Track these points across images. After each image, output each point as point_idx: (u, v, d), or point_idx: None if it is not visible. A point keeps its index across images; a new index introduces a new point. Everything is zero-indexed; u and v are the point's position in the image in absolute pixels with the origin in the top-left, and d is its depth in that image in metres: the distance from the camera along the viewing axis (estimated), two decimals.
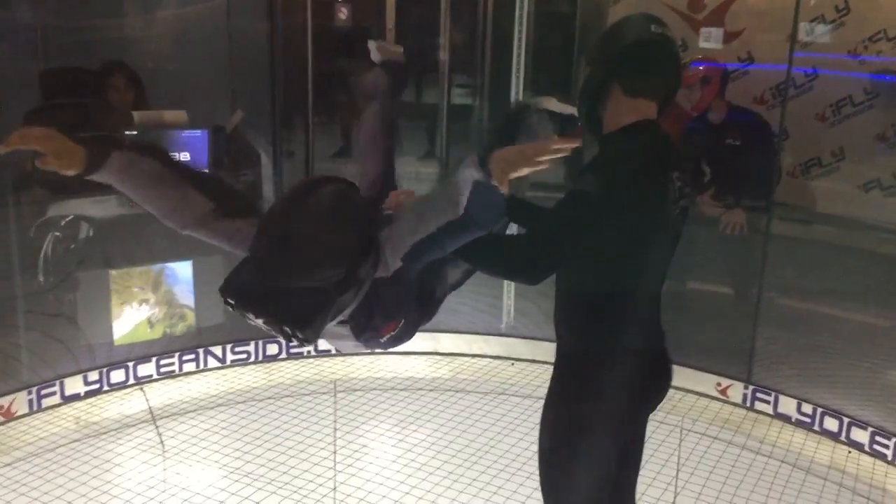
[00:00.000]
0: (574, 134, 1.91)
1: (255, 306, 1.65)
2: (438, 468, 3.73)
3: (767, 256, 4.41)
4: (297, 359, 4.81)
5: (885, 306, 4.29)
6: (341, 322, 1.83)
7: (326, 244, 1.66)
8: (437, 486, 3.57)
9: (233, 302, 1.66)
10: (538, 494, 3.44)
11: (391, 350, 4.83)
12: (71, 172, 1.76)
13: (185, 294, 4.53)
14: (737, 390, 4.41)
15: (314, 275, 1.64)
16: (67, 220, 4.16)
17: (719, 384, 4.45)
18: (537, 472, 3.63)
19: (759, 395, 4.35)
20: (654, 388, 2.29)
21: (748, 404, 4.38)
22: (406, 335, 1.97)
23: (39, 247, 4.13)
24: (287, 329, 1.65)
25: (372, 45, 2.60)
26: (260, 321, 1.68)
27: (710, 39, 4.85)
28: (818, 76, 4.83)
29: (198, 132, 4.31)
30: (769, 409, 4.32)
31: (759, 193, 4.53)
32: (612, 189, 1.97)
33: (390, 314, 1.89)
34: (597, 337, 2.19)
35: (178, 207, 1.85)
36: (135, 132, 4.16)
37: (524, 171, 1.62)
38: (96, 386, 4.24)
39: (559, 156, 1.67)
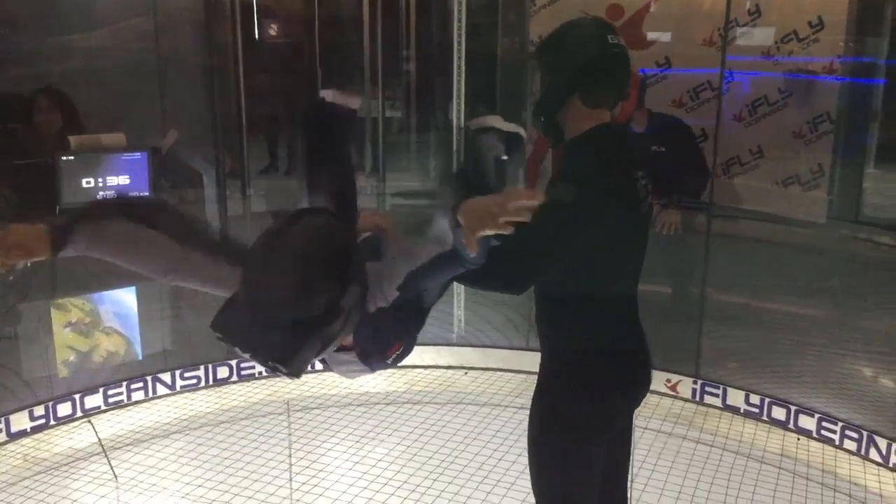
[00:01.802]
0: (528, 176, 1.91)
1: (239, 342, 1.66)
2: (405, 482, 3.72)
3: (708, 254, 4.55)
4: (248, 381, 4.74)
5: (816, 297, 4.48)
6: (344, 349, 1.83)
7: (303, 277, 1.64)
8: (406, 500, 3.56)
9: (221, 336, 1.66)
10: (508, 501, 3.53)
11: None
12: (40, 258, 1.75)
13: (129, 321, 4.41)
14: (686, 385, 4.53)
15: (293, 308, 1.63)
16: None
17: (669, 380, 4.56)
18: (505, 479, 3.70)
19: (707, 388, 4.48)
20: (634, 383, 2.34)
21: (698, 398, 4.50)
22: (408, 350, 1.97)
23: None
24: (271, 364, 1.65)
25: (328, 93, 2.57)
26: (246, 355, 1.67)
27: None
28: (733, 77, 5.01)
29: (137, 154, 4.21)
30: (718, 402, 4.45)
31: (691, 193, 4.66)
32: (585, 194, 2.02)
33: (395, 336, 1.89)
34: (573, 335, 2.24)
35: (157, 262, 1.82)
36: (71, 157, 4.03)
37: (490, 232, 1.60)
38: (42, 421, 4.09)
39: (524, 210, 1.61)
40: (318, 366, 4.84)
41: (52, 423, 4.14)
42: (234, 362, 4.70)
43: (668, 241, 4.72)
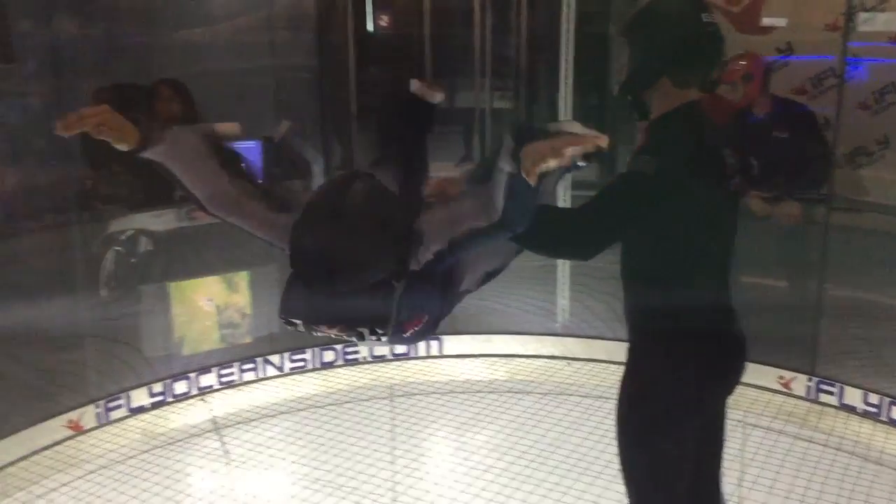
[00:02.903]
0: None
1: (326, 318, 1.66)
2: (505, 470, 3.72)
3: (827, 247, 4.36)
4: (353, 365, 4.84)
5: None
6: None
7: (379, 238, 1.65)
8: (505, 488, 3.56)
9: (298, 321, 1.67)
10: (609, 493, 3.48)
11: (447, 353, 4.88)
12: (123, 147, 1.79)
13: (242, 304, 4.57)
14: (800, 383, 4.35)
15: (375, 270, 1.63)
16: (128, 234, 4.23)
17: (781, 377, 4.40)
18: (607, 472, 3.65)
19: (823, 386, 4.30)
20: (725, 367, 2.27)
21: (812, 396, 4.32)
22: (429, 331, 1.91)
23: (101, 262, 4.20)
24: (364, 330, 1.66)
25: (414, 83, 2.62)
26: (333, 331, 1.68)
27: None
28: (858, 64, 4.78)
29: (251, 143, 4.36)
30: (834, 400, 4.26)
31: (812, 184, 4.48)
32: (666, 166, 2.00)
33: (416, 309, 1.83)
34: (660, 314, 2.19)
35: (216, 190, 1.88)
36: None
37: (552, 164, 1.59)
38: (161, 397, 4.30)
39: (585, 149, 1.63)
40: (422, 352, 4.92)
41: (170, 399, 4.34)
42: (339, 347, 4.81)
43: (785, 233, 4.56)
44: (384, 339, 1.71)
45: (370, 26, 6.53)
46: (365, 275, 1.62)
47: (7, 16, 4.33)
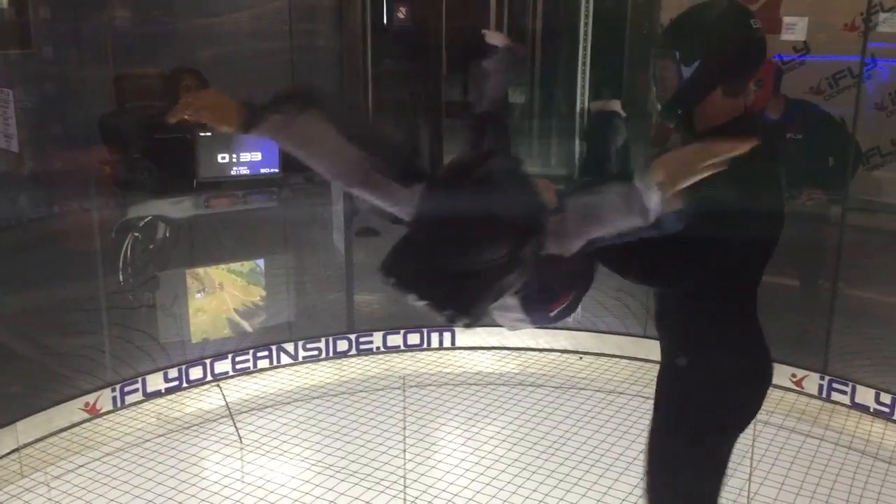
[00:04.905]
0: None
1: (417, 289, 1.62)
2: (515, 461, 3.74)
3: (841, 247, 4.36)
4: (366, 355, 4.87)
5: None
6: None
7: (490, 226, 1.61)
8: (516, 478, 3.59)
9: (394, 281, 1.63)
10: (619, 486, 3.51)
11: (459, 345, 4.91)
12: (226, 130, 1.73)
13: (257, 292, 4.61)
14: (812, 381, 4.36)
15: (477, 258, 1.60)
16: (146, 221, 4.27)
17: (794, 375, 4.40)
18: (617, 465, 3.67)
19: (835, 385, 4.30)
20: (767, 379, 2.23)
21: (824, 395, 4.33)
22: (572, 309, 1.89)
23: (119, 248, 4.24)
24: (448, 313, 1.64)
25: (487, 33, 2.60)
26: (420, 302, 1.64)
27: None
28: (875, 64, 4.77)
29: None
30: (846, 399, 4.27)
31: (828, 184, 4.47)
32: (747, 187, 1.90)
33: (565, 287, 1.81)
34: (717, 328, 2.13)
35: (339, 167, 1.80)
36: (209, 133, 4.24)
37: (690, 181, 1.51)
38: (176, 383, 4.34)
39: (729, 151, 1.53)
40: (434, 343, 4.95)
41: (185, 385, 4.38)
42: (353, 336, 4.84)
43: (799, 232, 4.56)
44: (462, 324, 1.67)
45: (386, 19, 6.53)
46: (469, 260, 1.59)
47: (27, 2, 4.37)
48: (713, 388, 2.12)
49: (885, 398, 4.14)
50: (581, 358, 4.89)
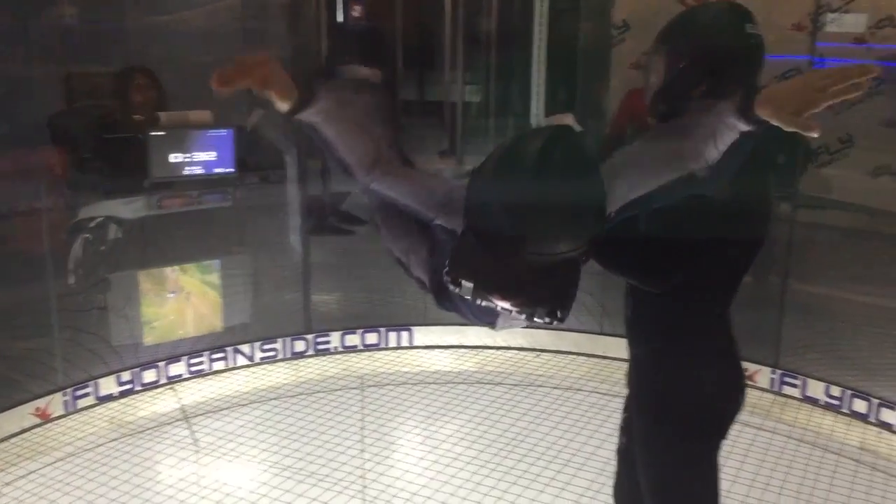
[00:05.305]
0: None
1: (504, 289, 1.40)
2: (473, 458, 3.75)
3: (792, 244, 4.45)
4: (324, 355, 4.84)
5: None
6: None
7: (576, 207, 1.40)
8: (475, 476, 3.60)
9: (471, 284, 1.42)
10: (577, 481, 3.54)
11: (417, 344, 4.91)
12: (285, 106, 1.54)
13: (213, 293, 4.56)
14: (764, 375, 4.44)
15: (569, 244, 1.39)
16: (97, 221, 4.19)
17: (746, 369, 4.45)
18: (574, 460, 3.70)
19: (786, 379, 4.39)
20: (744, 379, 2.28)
21: (776, 389, 4.41)
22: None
23: (69, 249, 4.16)
24: (543, 309, 1.42)
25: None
26: (507, 303, 1.42)
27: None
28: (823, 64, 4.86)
29: (223, 131, 4.34)
30: (797, 392, 4.35)
31: (778, 181, 4.55)
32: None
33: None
34: (699, 331, 2.18)
35: (373, 153, 1.67)
36: (161, 133, 4.19)
37: (824, 106, 1.42)
38: (129, 386, 4.27)
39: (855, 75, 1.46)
40: (392, 342, 4.94)
41: (138, 388, 4.31)
42: (311, 337, 4.82)
43: None
44: (557, 321, 1.45)
45: (340, 17, 6.50)
46: (561, 247, 1.38)
47: None
48: (697, 394, 2.14)
49: (835, 391, 4.23)
50: (538, 355, 4.91)
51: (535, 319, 1.41)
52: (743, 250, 2.13)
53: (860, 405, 4.14)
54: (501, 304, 1.41)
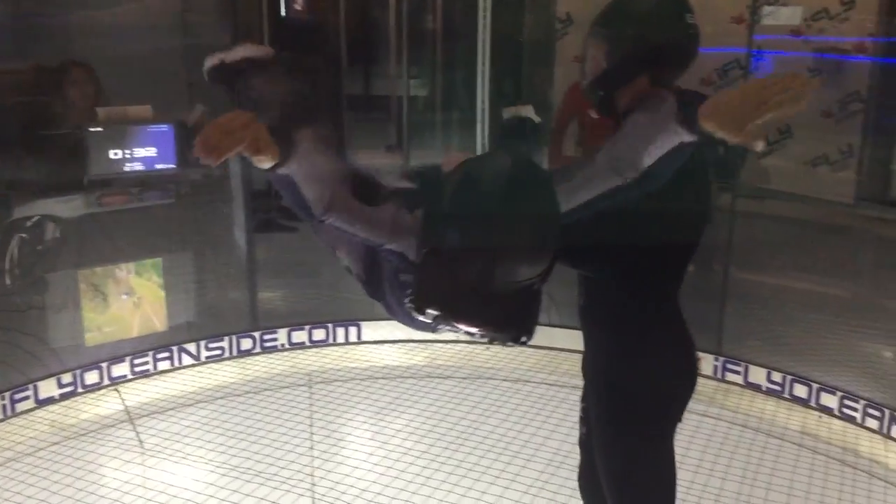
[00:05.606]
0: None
1: (469, 316, 1.44)
2: (424, 452, 3.75)
3: (732, 233, 4.53)
4: (271, 353, 4.79)
5: (841, 277, 4.44)
6: None
7: (535, 232, 1.44)
8: (425, 470, 3.60)
9: (437, 312, 1.45)
10: (526, 472, 3.56)
11: (365, 339, 4.89)
12: (265, 165, 1.53)
13: (155, 292, 4.47)
14: (707, 362, 4.52)
15: (531, 271, 1.43)
16: (34, 220, 4.08)
17: (697, 356, 4.54)
18: (524, 452, 3.73)
19: (729, 366, 4.47)
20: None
21: (719, 375, 4.49)
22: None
23: (4, 249, 4.04)
24: (506, 335, 1.49)
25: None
26: (472, 329, 1.47)
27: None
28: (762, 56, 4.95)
29: (164, 127, 4.26)
30: (740, 379, 4.44)
31: (721, 172, 4.63)
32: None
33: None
34: (650, 318, 2.20)
35: (328, 193, 1.65)
36: (99, 128, 4.09)
37: (768, 117, 1.39)
38: (70, 388, 4.17)
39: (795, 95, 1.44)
40: (340, 338, 4.91)
41: (80, 390, 4.22)
42: (257, 334, 4.76)
43: None
44: (520, 346, 1.51)
45: (283, 10, 6.43)
46: (524, 272, 1.42)
47: None
48: (651, 379, 2.15)
49: (777, 377, 4.33)
50: (488, 348, 4.93)
51: (498, 344, 1.48)
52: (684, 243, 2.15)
53: (801, 390, 4.24)
54: (466, 330, 1.45)
